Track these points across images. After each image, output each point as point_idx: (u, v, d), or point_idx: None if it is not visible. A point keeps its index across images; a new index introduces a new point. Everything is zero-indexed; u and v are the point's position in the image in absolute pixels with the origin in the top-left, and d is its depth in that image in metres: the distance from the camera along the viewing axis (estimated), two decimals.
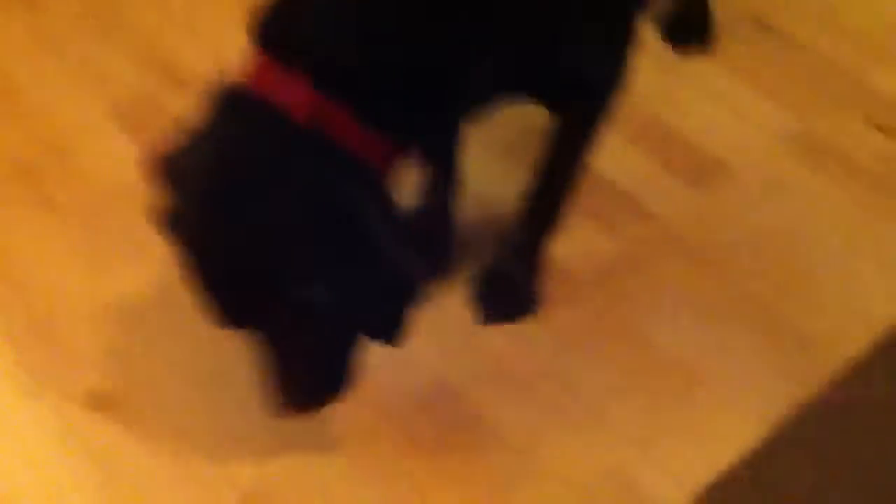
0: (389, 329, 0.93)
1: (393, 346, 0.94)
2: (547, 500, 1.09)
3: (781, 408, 1.16)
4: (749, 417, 1.16)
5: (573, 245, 1.30)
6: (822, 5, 1.66)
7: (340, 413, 1.13)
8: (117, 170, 1.39)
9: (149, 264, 1.27)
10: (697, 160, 1.43)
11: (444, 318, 1.24)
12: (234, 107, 0.85)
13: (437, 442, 1.13)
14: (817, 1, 1.67)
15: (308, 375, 0.97)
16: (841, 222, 1.36)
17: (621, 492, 1.10)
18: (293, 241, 0.82)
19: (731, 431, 1.15)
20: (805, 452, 1.13)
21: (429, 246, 1.28)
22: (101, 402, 1.16)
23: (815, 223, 1.36)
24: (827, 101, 1.51)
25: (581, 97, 1.05)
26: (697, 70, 1.56)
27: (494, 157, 1.41)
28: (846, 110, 1.50)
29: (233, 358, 1.15)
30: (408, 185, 1.20)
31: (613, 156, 1.38)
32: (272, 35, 0.85)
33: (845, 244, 1.33)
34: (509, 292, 1.24)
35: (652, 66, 1.52)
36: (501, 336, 1.23)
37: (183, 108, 1.18)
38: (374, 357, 1.05)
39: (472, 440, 1.13)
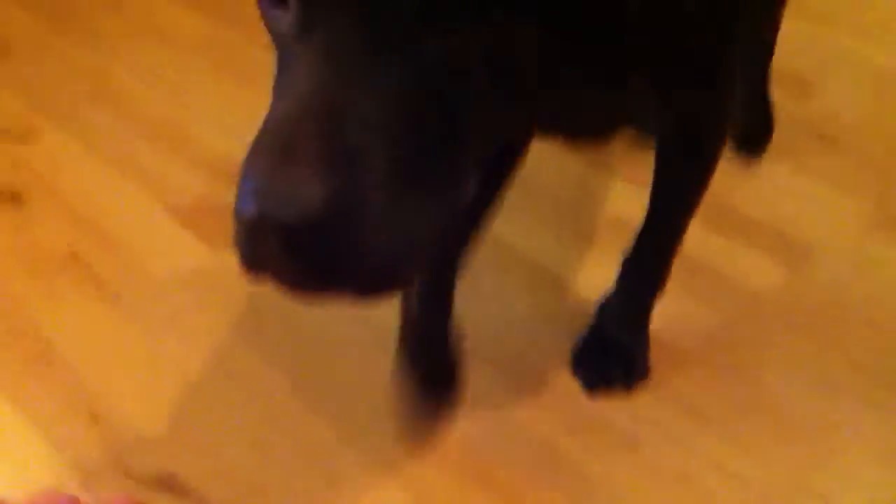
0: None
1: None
2: None
3: None
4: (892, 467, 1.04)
5: (673, 318, 1.22)
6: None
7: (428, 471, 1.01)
8: (173, 261, 1.31)
9: (206, 351, 1.18)
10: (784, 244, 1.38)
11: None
12: None
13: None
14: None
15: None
16: None
17: None
18: None
19: (876, 481, 1.03)
20: None
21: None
22: (169, 486, 1.03)
23: None
24: None
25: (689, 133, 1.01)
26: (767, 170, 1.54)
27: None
28: None
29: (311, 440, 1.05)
30: None
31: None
32: None
33: None
34: (618, 358, 1.13)
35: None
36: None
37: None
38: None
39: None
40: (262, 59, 0.72)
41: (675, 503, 1.02)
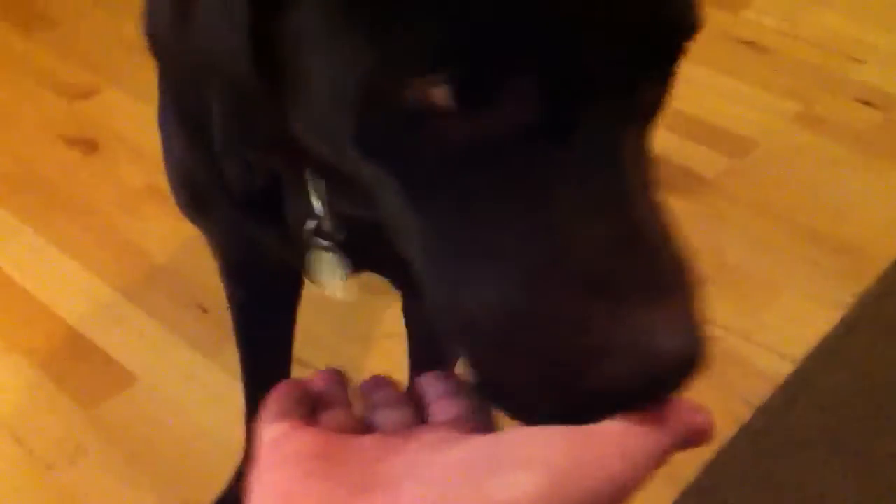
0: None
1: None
2: None
3: (846, 296, 1.37)
4: (827, 304, 1.36)
5: None
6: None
7: None
8: None
9: None
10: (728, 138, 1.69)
11: None
12: None
13: None
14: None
15: None
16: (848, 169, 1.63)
17: (740, 366, 1.28)
18: None
19: (815, 315, 1.35)
20: (877, 326, 1.33)
21: None
22: None
23: (829, 171, 1.63)
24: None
25: None
26: (706, 76, 1.85)
27: None
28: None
29: None
30: None
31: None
32: None
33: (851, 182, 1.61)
34: None
35: None
36: None
37: None
38: None
39: None
40: None
41: None
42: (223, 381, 1.23)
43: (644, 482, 0.39)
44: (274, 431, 0.44)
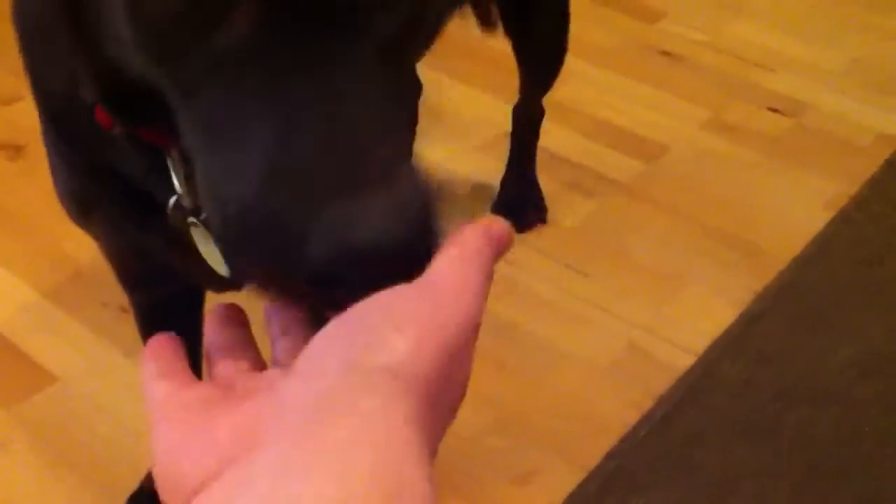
0: None
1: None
2: (579, 378, 1.31)
3: (750, 293, 1.44)
4: (729, 301, 1.43)
5: (557, 205, 1.59)
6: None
7: None
8: None
9: None
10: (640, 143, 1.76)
11: None
12: None
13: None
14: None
15: None
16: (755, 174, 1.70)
17: (641, 362, 1.33)
18: None
19: (717, 311, 1.41)
20: (778, 318, 1.40)
21: None
22: None
23: (737, 175, 1.70)
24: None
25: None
26: (622, 84, 1.91)
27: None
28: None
29: None
30: None
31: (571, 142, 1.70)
32: None
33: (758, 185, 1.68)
34: (527, 205, 1.56)
35: (589, 83, 1.86)
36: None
37: None
38: None
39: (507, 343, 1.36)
40: None
41: (572, 335, 1.38)
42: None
43: (483, 309, 0.43)
44: (157, 393, 0.44)
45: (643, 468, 1.17)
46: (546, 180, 1.60)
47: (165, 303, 0.95)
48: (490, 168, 1.62)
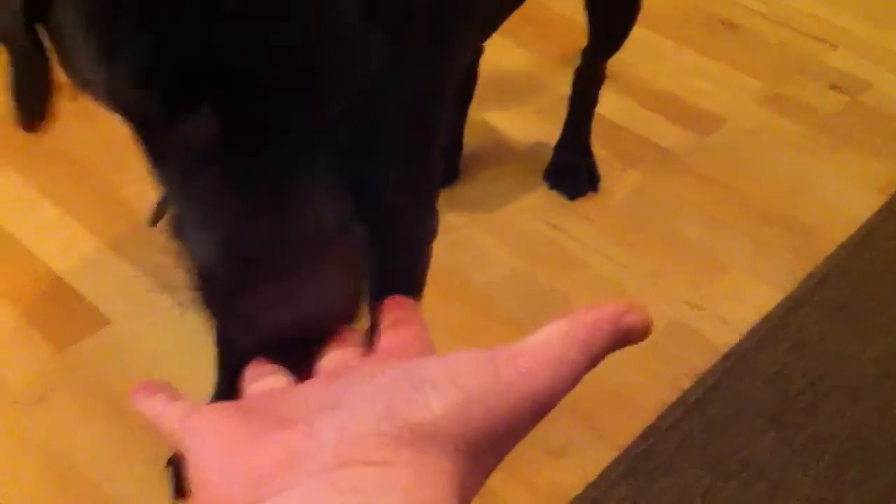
0: None
1: None
2: (617, 352, 1.33)
3: (793, 278, 1.45)
4: (771, 285, 1.43)
5: (609, 174, 1.59)
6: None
7: None
8: None
9: None
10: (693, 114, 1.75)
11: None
12: None
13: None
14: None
15: None
16: (808, 152, 1.69)
17: (681, 341, 1.35)
18: None
19: (759, 294, 1.42)
20: (817, 306, 1.40)
21: None
22: None
23: (790, 153, 1.69)
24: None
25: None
26: (678, 52, 1.90)
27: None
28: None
29: None
30: None
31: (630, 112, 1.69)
32: None
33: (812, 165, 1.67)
34: (580, 172, 1.58)
35: (639, 52, 1.85)
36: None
37: None
38: None
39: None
40: None
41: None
42: (197, 329, 1.29)
43: (569, 391, 0.41)
44: (175, 409, 0.49)
45: (673, 450, 1.19)
46: (597, 148, 1.60)
47: None
48: (545, 132, 1.63)
